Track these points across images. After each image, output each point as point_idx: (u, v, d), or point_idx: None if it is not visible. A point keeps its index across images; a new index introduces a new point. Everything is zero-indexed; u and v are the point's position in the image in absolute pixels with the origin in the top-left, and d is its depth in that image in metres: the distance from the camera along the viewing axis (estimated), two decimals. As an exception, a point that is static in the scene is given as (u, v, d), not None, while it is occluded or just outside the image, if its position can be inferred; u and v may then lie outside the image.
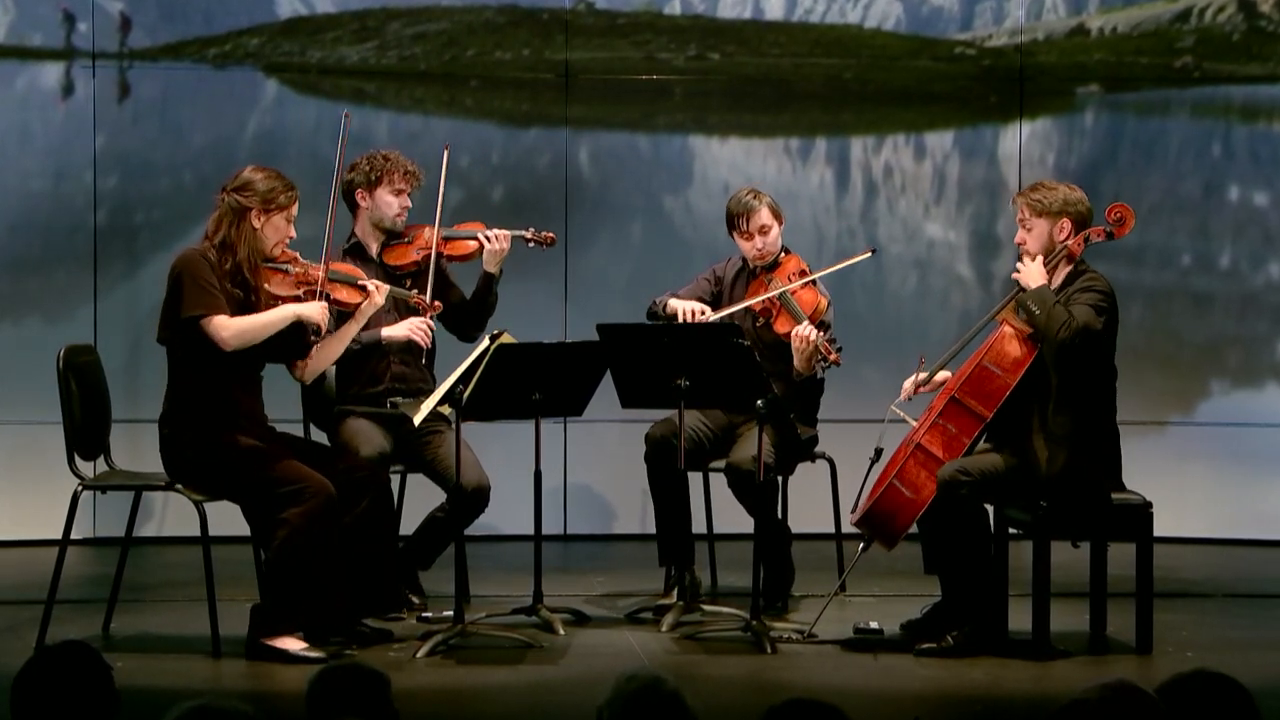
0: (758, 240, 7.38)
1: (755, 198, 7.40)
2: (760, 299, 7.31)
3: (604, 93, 9.36)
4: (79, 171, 9.01)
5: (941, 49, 9.45)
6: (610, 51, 9.35)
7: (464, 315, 7.41)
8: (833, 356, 7.09)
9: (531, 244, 7.43)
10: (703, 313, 7.32)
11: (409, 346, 7.22)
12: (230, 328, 6.46)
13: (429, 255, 7.25)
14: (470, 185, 9.11)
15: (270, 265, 6.63)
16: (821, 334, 7.13)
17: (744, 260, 7.51)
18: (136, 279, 8.97)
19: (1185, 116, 9.44)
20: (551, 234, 7.46)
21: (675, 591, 7.30)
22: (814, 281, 7.37)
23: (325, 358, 6.78)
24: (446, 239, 7.32)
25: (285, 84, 9.24)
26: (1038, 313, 6.50)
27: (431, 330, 7.22)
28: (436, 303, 7.16)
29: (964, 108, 9.46)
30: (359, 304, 6.75)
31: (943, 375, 6.87)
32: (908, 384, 6.88)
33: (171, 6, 9.17)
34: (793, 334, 7.14)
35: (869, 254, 7.71)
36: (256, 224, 6.56)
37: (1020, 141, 9.34)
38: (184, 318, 6.49)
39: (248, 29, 9.23)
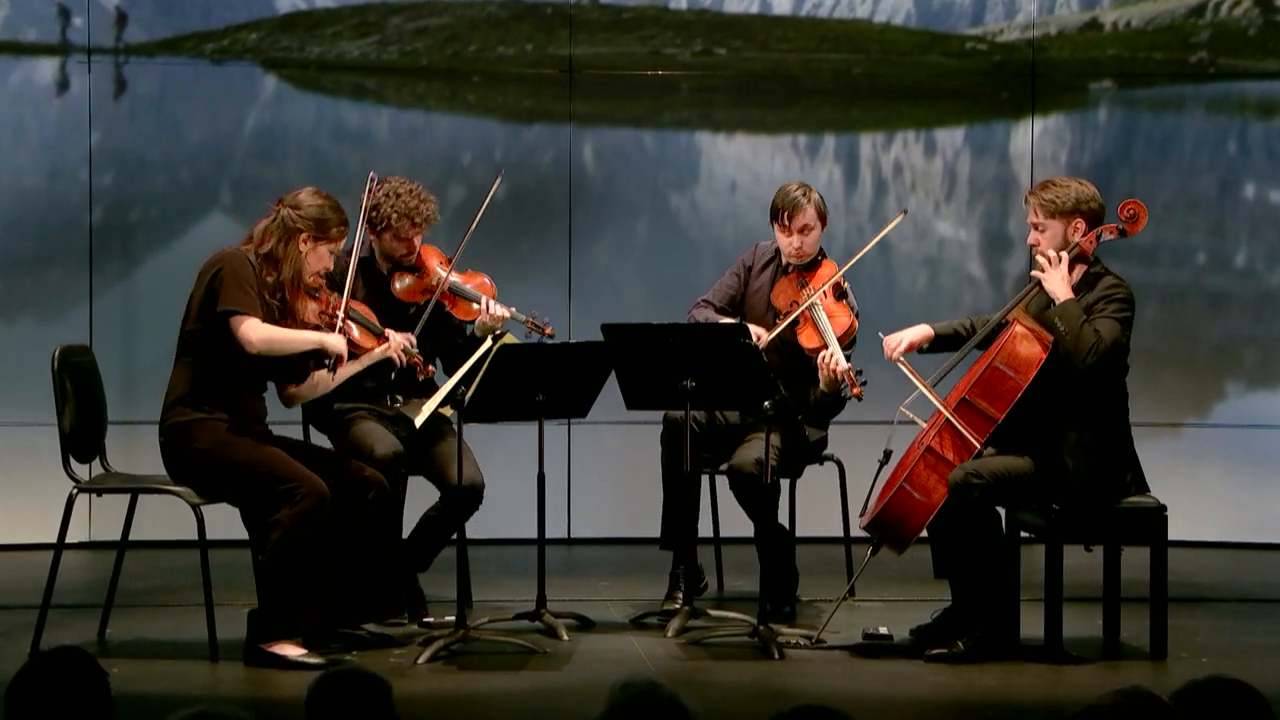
0: (796, 239, 7.29)
1: (804, 195, 7.28)
2: (798, 312, 7.15)
3: (609, 88, 9.33)
4: (74, 168, 8.97)
5: (952, 44, 9.43)
6: (615, 47, 9.32)
7: (455, 359, 7.30)
8: (855, 390, 6.98)
9: (530, 333, 7.26)
10: (757, 337, 7.09)
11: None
12: (261, 332, 6.45)
13: (431, 299, 7.16)
14: (472, 183, 9.06)
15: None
16: (849, 366, 7.01)
17: (777, 251, 7.41)
18: (132, 278, 8.95)
19: (1200, 113, 9.42)
20: (551, 328, 7.25)
21: (680, 591, 7.21)
22: (847, 298, 7.25)
23: (315, 390, 6.73)
24: (453, 292, 7.20)
25: (284, 80, 9.21)
26: (1065, 332, 6.48)
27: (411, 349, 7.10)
28: (430, 367, 7.05)
29: (975, 104, 9.44)
30: (370, 349, 6.73)
31: (920, 330, 6.87)
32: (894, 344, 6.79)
33: (168, 1, 9.14)
34: (821, 358, 7.02)
35: (901, 216, 7.41)
36: (303, 248, 6.54)
37: (1032, 138, 9.31)
38: (220, 310, 6.44)
39: (246, 24, 9.21)
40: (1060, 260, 6.59)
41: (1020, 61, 9.35)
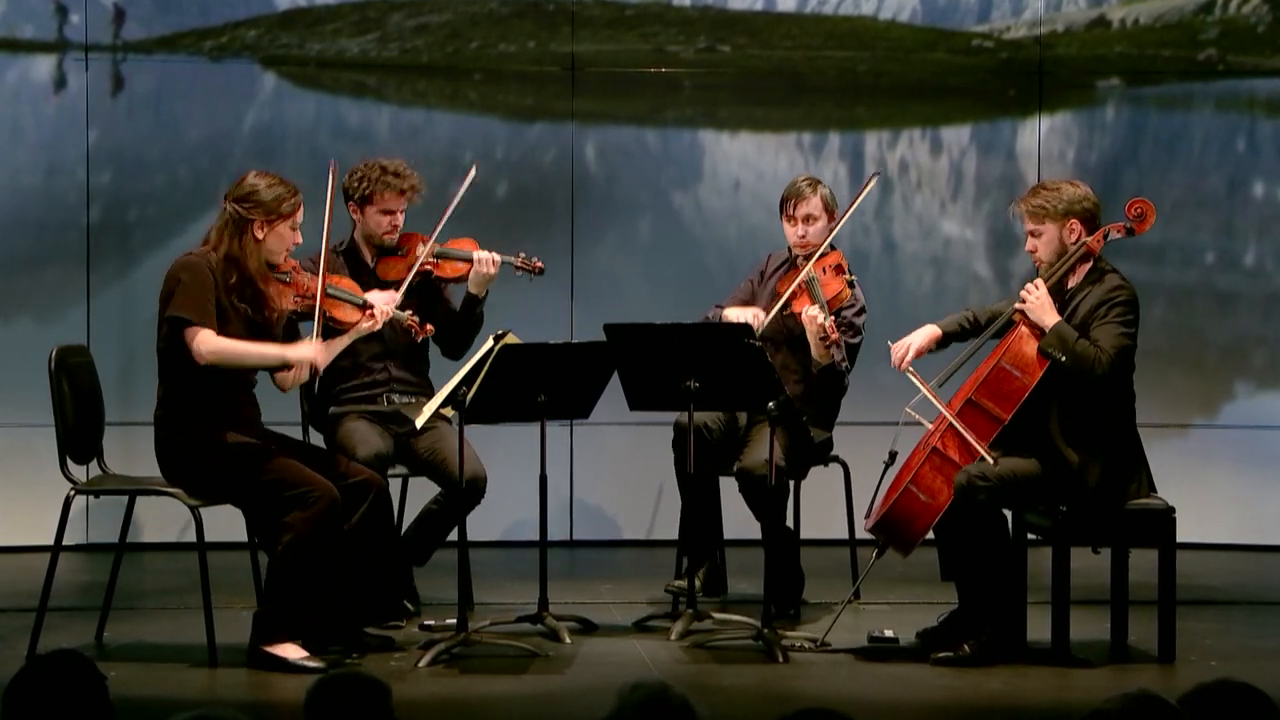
0: (800, 227, 7.35)
1: (811, 186, 7.39)
2: (795, 283, 7.19)
3: (611, 86, 9.30)
4: (71, 167, 8.93)
5: (958, 41, 9.40)
6: (617, 44, 9.28)
7: (449, 332, 7.27)
8: (834, 335, 6.97)
9: (519, 272, 7.30)
10: (755, 317, 7.19)
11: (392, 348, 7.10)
12: (210, 344, 6.34)
13: (418, 271, 7.16)
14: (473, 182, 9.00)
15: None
16: (831, 317, 7.01)
17: (789, 252, 7.46)
18: (130, 277, 8.91)
19: (1209, 111, 9.39)
20: (540, 263, 7.34)
21: (688, 578, 7.15)
22: (848, 277, 7.27)
23: (304, 374, 6.61)
24: (439, 257, 7.20)
25: (284, 77, 9.18)
26: (1063, 359, 6.47)
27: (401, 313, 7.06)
28: (429, 325, 7.00)
29: (981, 101, 9.41)
30: (356, 322, 6.63)
31: (926, 333, 6.83)
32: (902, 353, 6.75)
33: (167, -3, 9.11)
34: (803, 314, 7.03)
35: (875, 176, 7.58)
36: (259, 234, 6.43)
37: (1039, 136, 9.28)
38: (168, 316, 6.36)
39: (245, 21, 9.19)
40: (1038, 287, 6.56)
41: (1027, 59, 9.31)
